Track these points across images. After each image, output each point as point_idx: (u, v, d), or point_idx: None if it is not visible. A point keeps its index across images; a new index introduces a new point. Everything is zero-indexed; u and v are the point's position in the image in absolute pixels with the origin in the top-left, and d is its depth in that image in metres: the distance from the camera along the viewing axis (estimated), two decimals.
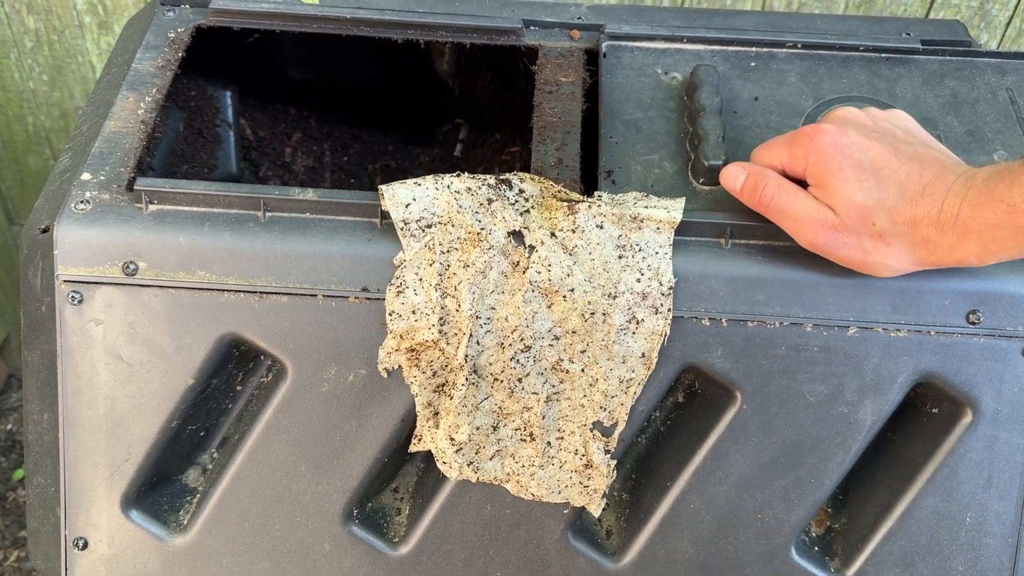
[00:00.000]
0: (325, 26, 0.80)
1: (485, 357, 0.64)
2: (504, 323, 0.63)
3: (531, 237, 0.63)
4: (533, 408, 0.65)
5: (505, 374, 0.64)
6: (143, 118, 0.73)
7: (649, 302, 0.63)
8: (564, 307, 0.63)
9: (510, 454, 0.66)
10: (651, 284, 0.63)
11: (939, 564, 0.68)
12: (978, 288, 0.64)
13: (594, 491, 0.67)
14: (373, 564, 0.70)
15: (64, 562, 0.70)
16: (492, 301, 0.63)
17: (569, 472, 0.67)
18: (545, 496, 0.67)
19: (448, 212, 0.63)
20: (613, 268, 0.63)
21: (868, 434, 0.66)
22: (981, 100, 0.75)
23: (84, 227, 0.65)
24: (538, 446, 0.66)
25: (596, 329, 0.63)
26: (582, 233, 0.63)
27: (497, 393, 0.65)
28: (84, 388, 0.67)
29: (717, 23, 0.82)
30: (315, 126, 1.11)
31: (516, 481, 0.67)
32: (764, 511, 0.68)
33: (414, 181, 0.64)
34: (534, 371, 0.64)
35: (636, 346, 0.64)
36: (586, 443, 0.66)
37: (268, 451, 0.68)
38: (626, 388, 0.65)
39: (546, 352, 0.64)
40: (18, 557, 1.35)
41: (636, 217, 0.63)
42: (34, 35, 1.18)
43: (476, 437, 0.66)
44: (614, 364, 0.64)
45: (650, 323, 0.63)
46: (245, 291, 0.65)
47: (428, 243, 0.63)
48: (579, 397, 0.65)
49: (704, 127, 0.69)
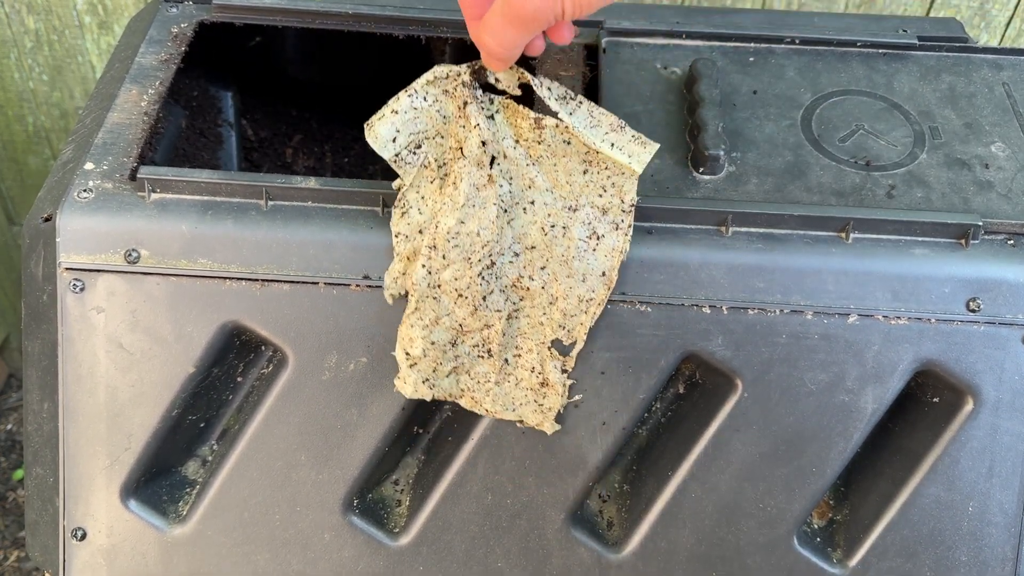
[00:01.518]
0: (327, 22, 0.81)
1: (450, 272, 0.62)
2: (475, 238, 0.62)
3: (494, 147, 0.62)
4: (494, 326, 0.64)
5: (471, 291, 0.63)
6: (146, 110, 0.73)
7: (610, 217, 0.62)
8: (524, 220, 0.62)
9: (466, 370, 0.65)
10: (612, 200, 0.62)
11: (941, 554, 0.68)
12: (978, 275, 0.64)
13: (548, 410, 0.66)
14: (373, 555, 0.70)
15: (62, 553, 0.70)
16: (462, 215, 0.62)
17: (524, 390, 0.66)
18: (499, 412, 0.66)
19: (433, 125, 0.62)
20: (576, 181, 0.62)
21: (869, 422, 0.66)
22: (978, 94, 0.76)
23: (86, 215, 0.65)
24: (495, 363, 0.65)
25: (556, 244, 0.63)
26: (547, 146, 0.62)
27: (459, 310, 0.63)
28: (85, 377, 0.67)
29: (716, 20, 0.82)
30: (316, 127, 1.11)
31: (471, 397, 0.66)
32: (766, 501, 0.68)
33: (390, 108, 0.63)
34: (497, 288, 0.63)
35: (596, 263, 0.63)
36: (543, 361, 0.65)
37: (268, 440, 0.68)
38: (586, 308, 0.64)
39: (507, 268, 0.63)
40: (18, 557, 1.35)
41: (607, 139, 0.62)
42: (34, 35, 1.18)
43: (432, 353, 0.65)
44: (574, 282, 0.63)
45: (610, 239, 0.63)
46: (247, 279, 0.65)
47: (424, 162, 0.63)
48: (538, 315, 0.64)
49: (703, 118, 0.69)
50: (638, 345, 0.66)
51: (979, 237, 0.65)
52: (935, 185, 0.68)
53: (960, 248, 0.65)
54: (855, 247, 0.65)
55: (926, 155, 0.71)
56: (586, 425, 0.67)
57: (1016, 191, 0.68)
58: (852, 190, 0.68)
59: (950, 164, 0.70)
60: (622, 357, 0.66)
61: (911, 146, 0.71)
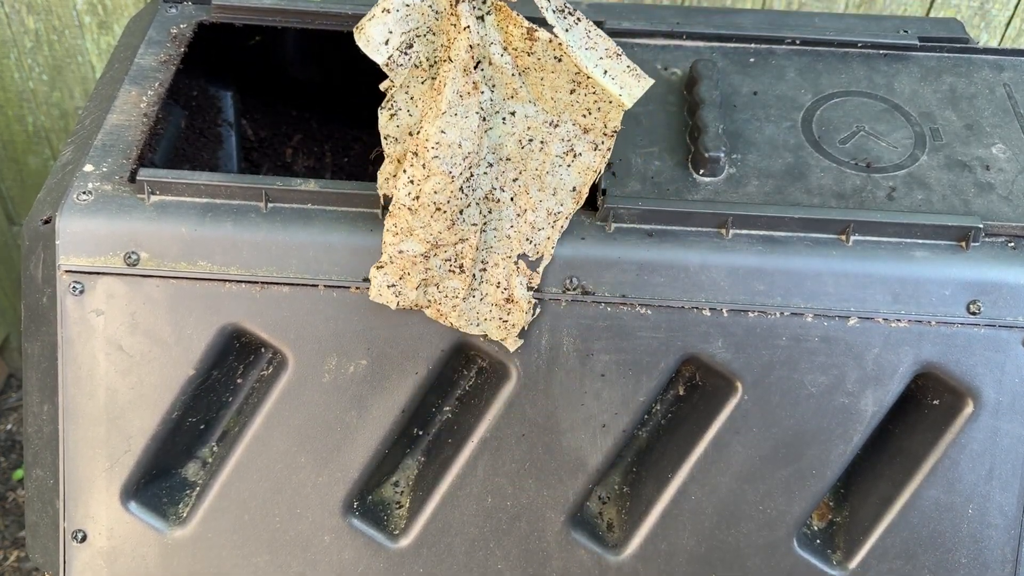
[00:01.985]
0: (326, 22, 0.81)
1: (431, 184, 0.60)
2: (456, 150, 0.60)
3: (480, 51, 0.60)
4: (469, 240, 0.62)
5: (451, 204, 0.61)
6: (145, 111, 0.73)
7: (590, 137, 0.61)
8: (502, 131, 0.61)
9: (435, 283, 0.64)
10: (595, 123, 0.61)
11: (941, 556, 0.68)
12: (979, 278, 0.64)
13: (512, 326, 0.65)
14: (373, 556, 0.70)
15: (63, 555, 0.70)
16: (443, 123, 0.59)
17: (490, 305, 0.65)
18: (463, 327, 0.65)
19: (425, 22, 0.60)
20: (561, 99, 0.61)
21: (869, 425, 0.66)
22: (979, 95, 0.76)
23: (86, 218, 0.65)
24: (466, 278, 0.63)
25: (531, 157, 0.62)
26: (537, 58, 0.60)
27: (436, 223, 0.61)
28: (84, 379, 0.67)
29: (716, 20, 0.82)
30: (316, 127, 1.11)
31: (436, 309, 0.65)
32: (766, 502, 0.68)
33: (381, 8, 0.60)
34: (473, 201, 0.62)
35: (569, 179, 0.62)
36: (509, 276, 0.64)
37: (268, 442, 0.68)
38: (553, 221, 0.63)
39: (481, 180, 0.62)
40: (18, 557, 1.35)
41: (599, 66, 0.60)
42: (34, 35, 1.18)
43: (399, 261, 0.63)
44: (544, 196, 0.62)
45: (587, 158, 0.62)
46: (246, 281, 0.65)
47: (415, 61, 0.61)
48: (506, 227, 0.63)
49: (704, 119, 0.69)
50: (638, 347, 0.65)
51: (980, 240, 0.65)
52: (936, 187, 0.68)
53: (961, 250, 0.65)
54: (855, 249, 0.65)
55: (927, 157, 0.70)
56: (586, 427, 0.67)
57: (1017, 193, 0.68)
58: (853, 192, 0.68)
59: (951, 166, 0.70)
60: (622, 359, 0.66)
61: (912, 148, 0.71)
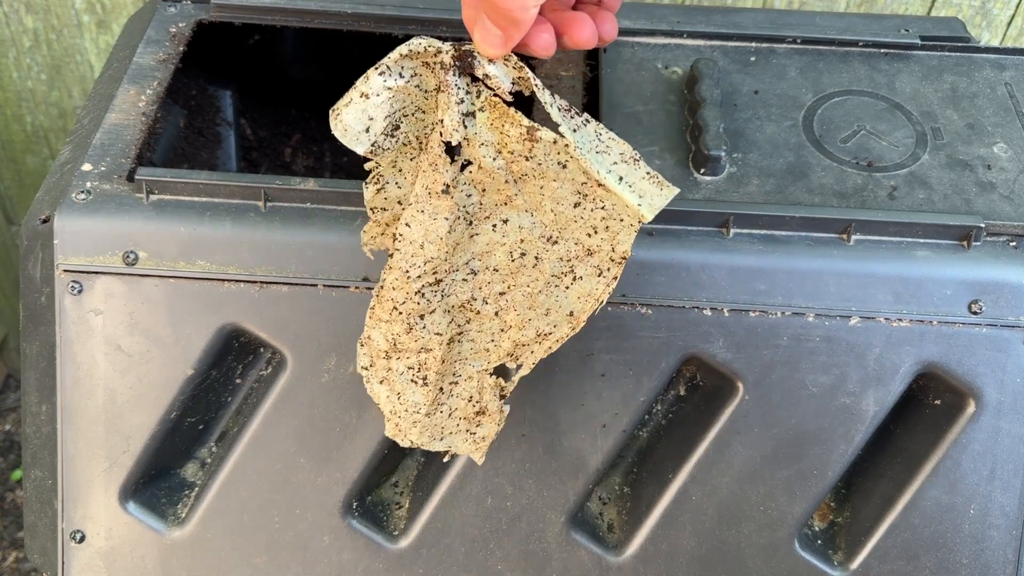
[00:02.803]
0: (326, 21, 0.80)
1: (390, 278, 0.54)
2: (417, 249, 0.52)
3: (469, 151, 0.52)
4: (433, 351, 0.55)
5: (406, 307, 0.54)
6: (144, 110, 0.73)
7: (594, 261, 0.53)
8: (491, 238, 0.53)
9: (396, 392, 0.56)
10: (602, 244, 0.53)
11: (943, 557, 0.68)
12: (980, 277, 0.64)
13: (482, 439, 0.59)
14: (373, 557, 0.70)
15: (61, 556, 0.70)
16: (409, 217, 0.52)
17: (457, 419, 0.58)
18: (425, 444, 0.58)
19: (413, 100, 0.53)
20: (564, 212, 0.52)
21: (871, 425, 0.66)
22: (980, 94, 0.75)
23: (84, 217, 0.65)
24: (430, 392, 0.56)
25: (523, 273, 0.54)
26: (537, 164, 0.52)
27: (394, 324, 0.54)
28: (83, 379, 0.67)
29: (717, 19, 0.82)
30: (315, 127, 1.11)
31: (395, 424, 0.58)
32: (767, 503, 0.68)
33: (359, 92, 0.53)
34: (440, 308, 0.54)
35: (566, 302, 0.54)
36: (482, 389, 0.57)
37: (267, 443, 0.68)
38: (541, 341, 0.55)
39: (457, 287, 0.54)
40: (16, 558, 1.34)
41: (605, 186, 0.52)
42: (32, 34, 1.18)
43: (368, 346, 0.57)
44: (535, 315, 0.54)
45: (589, 284, 0.53)
46: (245, 281, 0.65)
47: (404, 140, 0.54)
48: (485, 340, 0.56)
49: (704, 118, 0.69)
50: (639, 347, 0.65)
51: (981, 239, 0.65)
52: (937, 186, 0.68)
53: (962, 250, 0.65)
54: (857, 249, 0.65)
55: (928, 156, 0.70)
56: (586, 427, 0.67)
57: (1018, 192, 0.68)
58: (854, 191, 0.67)
59: (952, 165, 0.70)
60: (622, 359, 0.66)
61: (913, 147, 0.71)
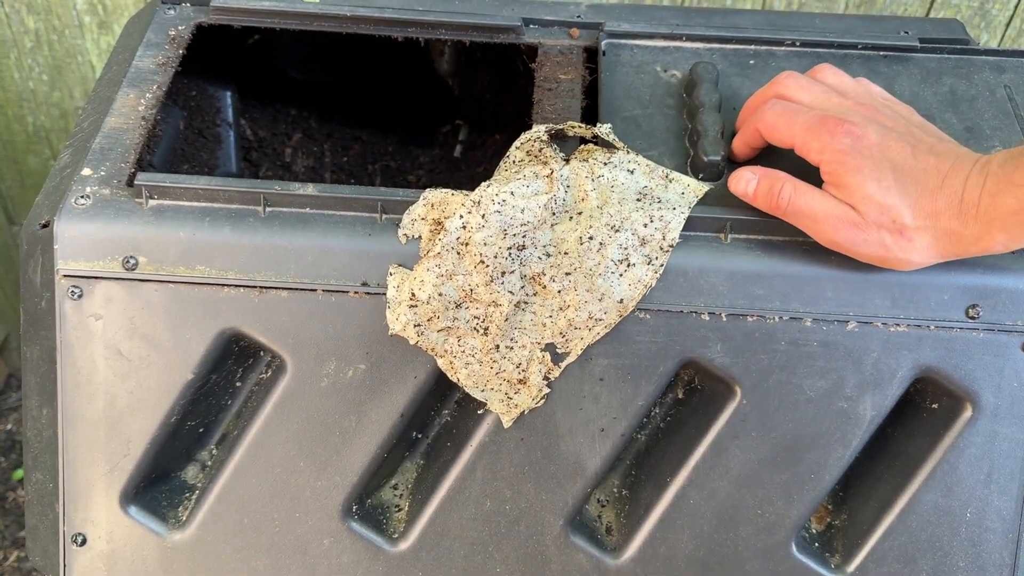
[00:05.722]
0: (325, 24, 0.80)
1: (483, 235, 0.63)
2: (518, 214, 0.63)
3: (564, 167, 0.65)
4: (501, 307, 0.64)
5: (495, 261, 0.63)
6: (144, 114, 0.73)
7: (646, 250, 0.63)
8: (566, 227, 0.64)
9: (457, 336, 0.65)
10: (655, 233, 0.63)
11: (939, 560, 0.68)
12: (978, 282, 0.64)
13: (515, 406, 0.66)
14: (372, 560, 0.70)
15: (62, 558, 0.70)
16: (513, 188, 0.63)
17: (501, 379, 0.65)
18: (468, 387, 0.66)
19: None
20: (627, 206, 0.64)
21: (868, 429, 0.66)
22: (979, 97, 0.75)
23: (84, 222, 0.65)
24: (487, 342, 0.65)
25: (588, 256, 0.63)
26: (611, 168, 0.65)
27: (476, 275, 0.63)
28: (83, 383, 0.67)
29: (716, 22, 0.82)
30: (315, 126, 1.11)
31: (449, 361, 0.66)
32: (764, 507, 0.68)
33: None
34: (519, 271, 0.63)
35: (618, 289, 0.63)
36: (531, 361, 0.65)
37: (267, 446, 0.68)
38: (591, 326, 0.64)
39: (534, 261, 0.64)
40: (18, 557, 1.35)
41: (667, 175, 0.65)
42: (34, 35, 1.18)
43: (435, 303, 0.64)
44: (591, 297, 0.64)
45: (639, 271, 0.63)
46: (245, 286, 0.65)
47: None
48: (544, 315, 0.64)
49: (703, 123, 0.69)
50: (637, 352, 0.65)
51: None
52: None
53: None
54: None
55: None
56: (585, 431, 0.67)
57: None
58: None
59: None
60: (621, 364, 0.66)
61: None
